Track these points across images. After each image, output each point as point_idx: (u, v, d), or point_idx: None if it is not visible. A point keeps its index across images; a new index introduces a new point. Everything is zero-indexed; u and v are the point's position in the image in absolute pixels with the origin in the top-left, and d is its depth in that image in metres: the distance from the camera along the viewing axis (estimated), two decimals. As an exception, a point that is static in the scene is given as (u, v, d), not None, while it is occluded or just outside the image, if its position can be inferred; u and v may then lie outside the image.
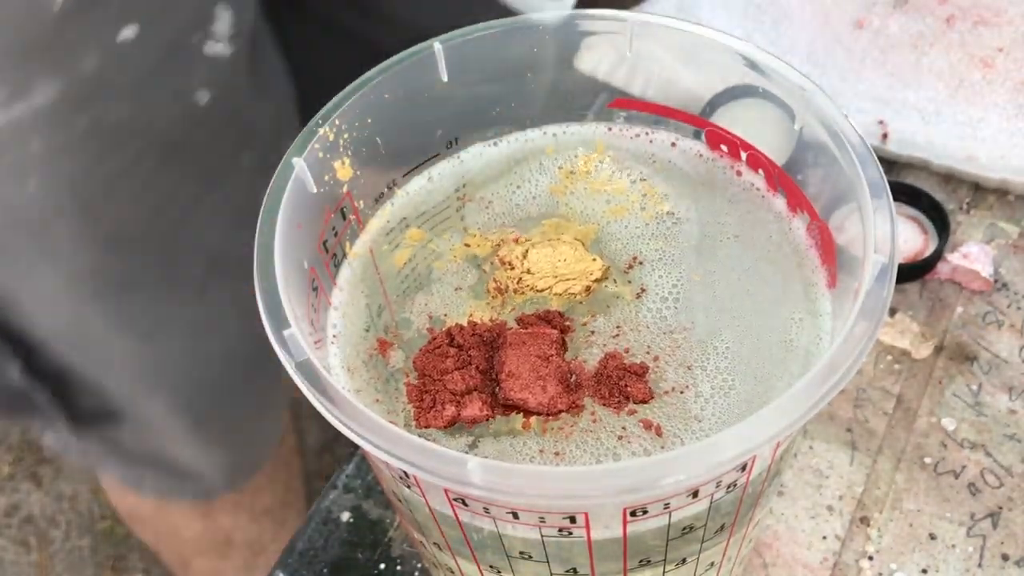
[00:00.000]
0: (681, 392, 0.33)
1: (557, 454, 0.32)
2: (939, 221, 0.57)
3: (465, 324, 0.35)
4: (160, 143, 0.62)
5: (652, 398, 0.33)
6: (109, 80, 0.57)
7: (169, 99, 0.61)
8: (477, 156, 0.41)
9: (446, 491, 0.29)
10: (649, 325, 0.36)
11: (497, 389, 0.33)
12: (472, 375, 0.33)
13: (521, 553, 0.32)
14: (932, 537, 0.47)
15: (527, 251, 0.38)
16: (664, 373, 0.34)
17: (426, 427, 0.33)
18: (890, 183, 0.33)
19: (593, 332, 0.35)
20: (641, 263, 0.38)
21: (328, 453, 1.22)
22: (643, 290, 0.37)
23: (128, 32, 0.55)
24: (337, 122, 0.36)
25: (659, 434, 0.32)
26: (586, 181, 0.40)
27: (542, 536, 0.31)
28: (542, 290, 0.37)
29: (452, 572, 0.37)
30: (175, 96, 0.61)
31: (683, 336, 0.35)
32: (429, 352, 0.35)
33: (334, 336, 0.36)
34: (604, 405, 0.33)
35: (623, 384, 0.33)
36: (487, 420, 0.33)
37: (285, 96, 0.73)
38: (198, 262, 0.71)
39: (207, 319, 0.75)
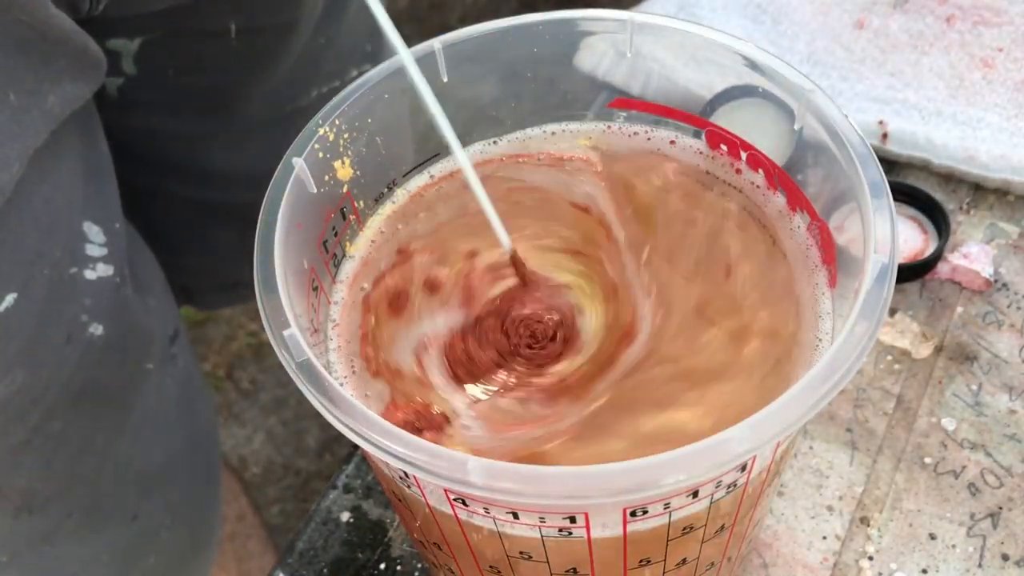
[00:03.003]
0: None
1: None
2: (939, 221, 0.57)
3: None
4: (66, 397, 0.55)
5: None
6: None
7: (63, 344, 0.52)
8: (477, 156, 0.41)
9: (446, 491, 0.29)
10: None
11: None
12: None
13: (521, 553, 0.32)
14: (932, 537, 0.47)
15: None
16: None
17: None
18: (890, 183, 0.33)
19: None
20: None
21: (328, 453, 1.22)
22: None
23: (8, 301, 0.47)
24: (337, 122, 0.36)
25: None
26: None
27: (542, 536, 0.31)
28: None
29: (452, 572, 0.37)
30: (68, 339, 0.53)
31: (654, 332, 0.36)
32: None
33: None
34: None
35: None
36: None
37: (163, 287, 0.67)
38: (128, 489, 0.65)
39: (140, 539, 0.69)
